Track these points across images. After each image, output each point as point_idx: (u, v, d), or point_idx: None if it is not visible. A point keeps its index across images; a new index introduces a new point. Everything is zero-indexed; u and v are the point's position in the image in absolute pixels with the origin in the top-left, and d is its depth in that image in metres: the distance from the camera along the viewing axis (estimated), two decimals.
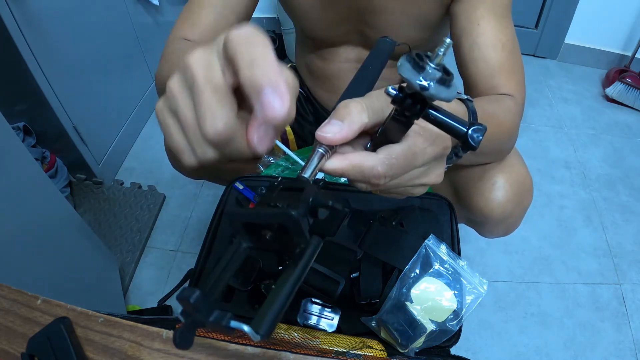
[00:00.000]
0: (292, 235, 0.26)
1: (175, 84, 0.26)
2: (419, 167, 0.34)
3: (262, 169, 0.78)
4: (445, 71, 0.25)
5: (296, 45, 0.93)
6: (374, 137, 0.33)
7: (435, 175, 0.36)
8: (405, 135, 0.32)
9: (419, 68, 0.24)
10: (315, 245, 0.28)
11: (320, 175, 0.74)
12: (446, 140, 0.34)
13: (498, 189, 0.66)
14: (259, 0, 0.70)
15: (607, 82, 1.83)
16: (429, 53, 0.25)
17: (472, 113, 0.43)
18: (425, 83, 0.24)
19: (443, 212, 0.64)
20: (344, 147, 0.32)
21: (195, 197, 1.47)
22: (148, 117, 1.71)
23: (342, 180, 0.75)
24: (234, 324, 0.23)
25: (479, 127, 0.27)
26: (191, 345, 0.25)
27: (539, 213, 1.43)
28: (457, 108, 0.42)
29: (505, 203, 0.66)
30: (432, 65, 0.24)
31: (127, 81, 1.52)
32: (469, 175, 0.68)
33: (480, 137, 0.27)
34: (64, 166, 1.37)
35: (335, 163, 0.31)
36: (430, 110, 0.28)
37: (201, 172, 0.90)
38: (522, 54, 0.64)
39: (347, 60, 0.79)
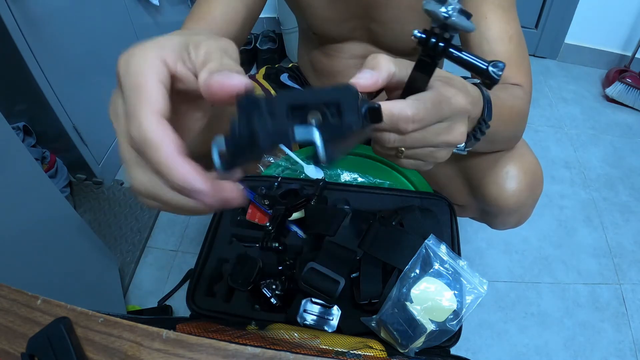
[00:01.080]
0: (344, 114, 0.25)
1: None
2: (444, 121, 0.35)
3: (262, 169, 0.78)
4: (462, 7, 0.28)
5: (299, 43, 0.93)
6: (402, 91, 0.36)
7: (459, 133, 0.36)
8: (430, 85, 0.34)
9: (442, 1, 0.28)
10: (366, 131, 0.28)
11: (320, 175, 0.74)
12: (468, 96, 0.35)
13: (511, 177, 0.67)
14: None
15: (607, 82, 1.83)
16: None
17: (487, 99, 0.44)
18: (448, 12, 0.27)
19: (443, 212, 0.64)
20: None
21: None
22: None
23: (342, 180, 0.75)
24: (300, 131, 0.23)
25: (499, 63, 0.30)
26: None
27: (539, 213, 1.43)
28: (474, 90, 0.42)
29: (520, 192, 0.67)
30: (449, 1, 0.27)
31: None
32: (481, 165, 0.68)
33: (500, 73, 0.29)
34: (64, 166, 1.37)
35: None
36: (452, 50, 0.30)
37: None
38: None
39: (353, 56, 0.78)
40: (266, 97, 0.24)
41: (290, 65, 0.97)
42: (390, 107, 0.33)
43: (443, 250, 0.52)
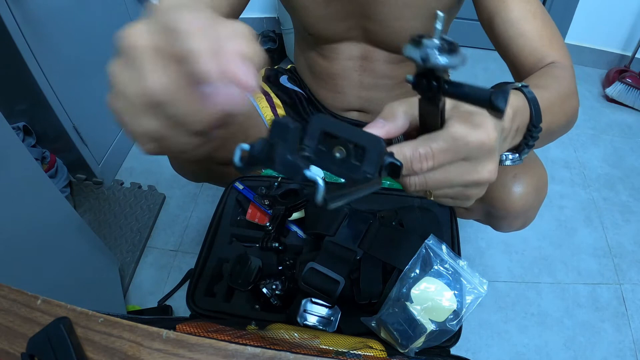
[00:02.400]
0: (365, 160, 0.27)
1: (113, 66, 0.26)
2: (466, 160, 0.33)
3: (262, 169, 0.78)
4: (446, 42, 0.26)
5: (295, 45, 0.92)
6: (417, 130, 0.35)
7: (487, 172, 0.34)
8: (447, 122, 0.32)
9: (418, 44, 0.26)
10: (378, 183, 0.28)
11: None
12: (490, 130, 0.32)
13: (519, 181, 0.67)
14: (260, 0, 0.69)
15: (607, 82, 1.83)
16: (424, 34, 0.26)
17: (532, 99, 0.41)
18: (425, 55, 0.26)
19: (443, 212, 0.64)
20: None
21: (195, 197, 1.47)
22: None
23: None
24: (309, 173, 0.24)
25: (503, 91, 0.27)
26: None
27: (539, 213, 1.42)
28: (514, 99, 0.40)
29: (526, 195, 0.67)
30: (429, 39, 0.26)
31: None
32: None
33: (503, 101, 0.27)
34: (64, 166, 1.37)
35: None
36: (447, 86, 0.28)
37: (202, 176, 0.90)
38: None
39: (350, 57, 0.77)
40: (300, 123, 0.25)
41: (289, 66, 0.96)
42: (403, 149, 0.32)
43: (443, 250, 0.52)
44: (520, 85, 0.43)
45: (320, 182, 0.24)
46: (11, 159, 0.76)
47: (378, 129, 0.34)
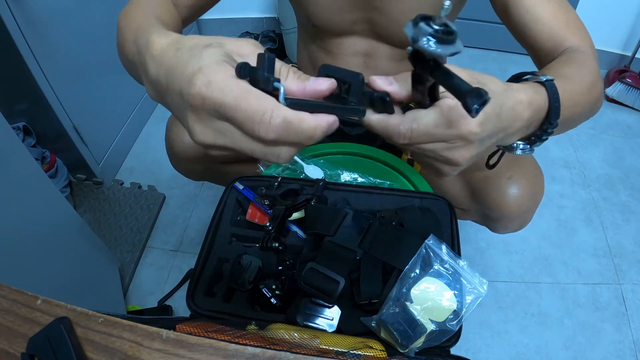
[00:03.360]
0: (350, 93, 0.34)
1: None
2: (442, 141, 0.36)
3: (262, 169, 0.78)
4: (444, 31, 0.28)
5: (298, 41, 0.91)
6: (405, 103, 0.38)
7: (461, 156, 0.36)
8: (437, 107, 0.35)
9: (415, 25, 0.28)
10: (360, 110, 0.35)
11: (320, 175, 0.74)
12: (471, 126, 0.34)
13: (514, 183, 0.66)
14: (260, 0, 0.69)
15: (607, 82, 1.83)
16: (432, 15, 0.28)
17: (553, 94, 0.41)
18: (416, 36, 0.28)
19: (443, 212, 0.64)
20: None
21: (195, 197, 1.47)
22: (148, 117, 1.71)
23: (342, 180, 0.75)
24: (277, 84, 0.30)
25: (479, 94, 0.28)
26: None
27: (539, 213, 1.41)
28: (534, 96, 0.40)
29: (522, 197, 0.67)
30: (426, 24, 0.28)
31: (127, 81, 1.50)
32: (483, 171, 0.68)
33: (477, 103, 0.28)
34: (64, 166, 1.37)
35: (368, 116, 0.36)
36: (436, 70, 0.31)
37: (203, 174, 0.90)
38: (523, 54, 0.63)
39: (354, 53, 0.76)
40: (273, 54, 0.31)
41: (290, 65, 0.96)
42: (386, 119, 0.35)
43: (443, 250, 0.52)
44: (544, 79, 0.42)
45: (282, 87, 0.29)
46: (11, 159, 0.76)
47: (386, 84, 0.36)
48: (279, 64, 0.32)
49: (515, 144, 0.45)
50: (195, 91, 0.29)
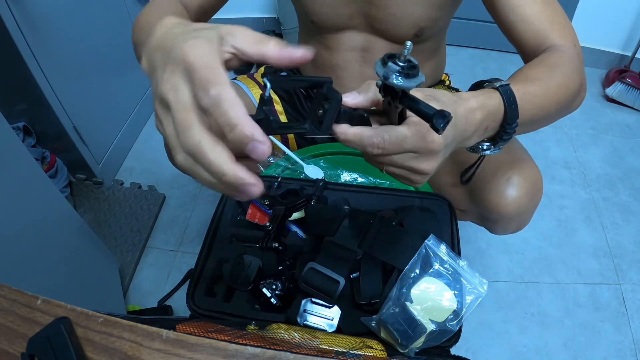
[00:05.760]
0: (322, 91, 0.37)
1: (157, 106, 0.32)
2: (410, 152, 0.40)
3: (262, 169, 0.78)
4: (410, 66, 0.33)
5: (299, 38, 0.93)
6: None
7: (427, 165, 0.41)
8: (406, 123, 0.39)
9: (384, 64, 0.33)
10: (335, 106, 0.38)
11: (320, 175, 0.74)
12: (436, 137, 0.39)
13: (512, 184, 0.66)
14: (260, 0, 0.70)
15: (607, 82, 1.83)
16: (396, 53, 0.33)
17: (507, 98, 0.45)
18: (386, 74, 0.33)
19: (443, 212, 0.64)
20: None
21: (195, 197, 1.47)
22: (148, 117, 1.71)
23: (342, 180, 0.75)
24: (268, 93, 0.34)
25: (444, 115, 0.33)
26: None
27: (539, 213, 1.42)
28: (487, 101, 0.44)
29: (520, 199, 0.67)
30: (393, 62, 0.33)
31: (127, 81, 1.52)
32: (482, 172, 0.68)
33: (441, 123, 0.33)
34: (64, 166, 1.37)
35: (342, 128, 0.39)
36: (405, 98, 0.35)
37: None
38: None
39: (352, 48, 0.78)
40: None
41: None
42: (364, 131, 0.39)
43: (443, 250, 0.52)
44: (498, 85, 0.46)
45: (268, 83, 0.33)
46: (11, 159, 0.76)
47: (351, 98, 0.40)
48: (261, 35, 0.34)
49: (480, 146, 0.49)
50: (185, 46, 0.30)
